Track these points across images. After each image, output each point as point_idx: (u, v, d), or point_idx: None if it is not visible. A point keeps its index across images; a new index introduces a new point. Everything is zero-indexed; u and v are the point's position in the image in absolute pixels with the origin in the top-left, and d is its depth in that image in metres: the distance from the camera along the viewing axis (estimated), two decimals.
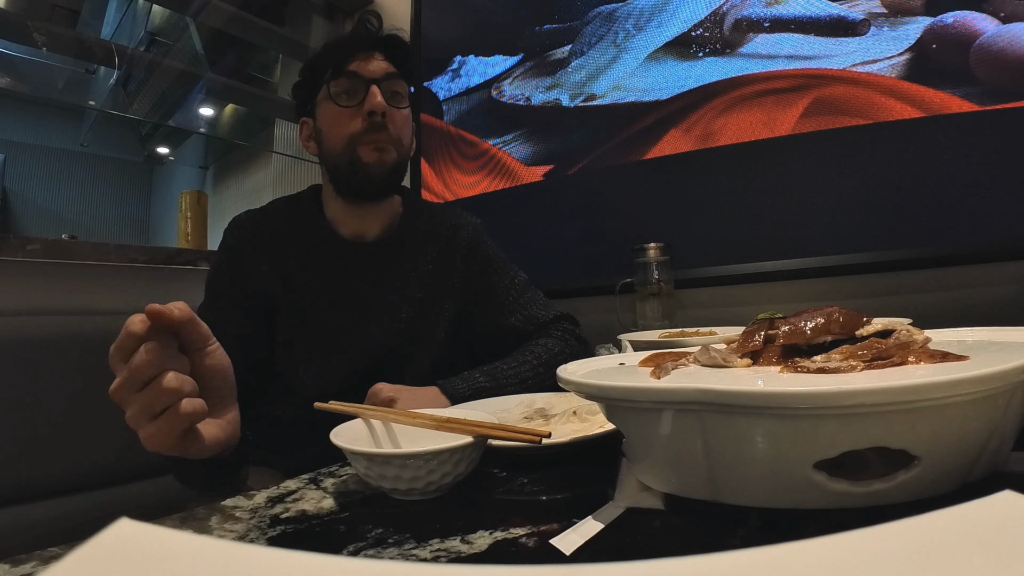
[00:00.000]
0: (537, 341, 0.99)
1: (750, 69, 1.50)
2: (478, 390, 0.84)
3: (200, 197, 2.06)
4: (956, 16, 1.25)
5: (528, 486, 0.48)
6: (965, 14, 1.24)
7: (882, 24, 1.34)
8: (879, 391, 0.29)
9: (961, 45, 1.24)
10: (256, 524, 0.43)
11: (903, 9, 1.31)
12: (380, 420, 0.56)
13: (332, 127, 0.94)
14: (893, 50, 1.32)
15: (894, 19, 1.32)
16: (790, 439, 0.32)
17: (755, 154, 1.46)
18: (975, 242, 1.20)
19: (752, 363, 0.43)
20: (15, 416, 0.92)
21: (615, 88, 1.70)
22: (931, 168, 1.26)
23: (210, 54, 2.38)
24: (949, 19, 1.26)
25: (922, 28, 1.29)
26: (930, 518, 0.16)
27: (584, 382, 0.40)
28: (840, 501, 0.33)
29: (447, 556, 0.35)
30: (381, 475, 0.45)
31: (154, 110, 2.64)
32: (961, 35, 1.24)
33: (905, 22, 1.31)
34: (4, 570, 0.34)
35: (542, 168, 1.82)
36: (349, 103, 0.93)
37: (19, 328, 0.95)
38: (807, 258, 1.36)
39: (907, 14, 1.31)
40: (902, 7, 1.31)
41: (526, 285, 1.08)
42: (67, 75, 2.69)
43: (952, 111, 1.25)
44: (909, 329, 0.40)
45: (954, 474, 0.33)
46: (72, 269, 1.10)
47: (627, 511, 0.39)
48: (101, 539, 0.16)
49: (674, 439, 0.37)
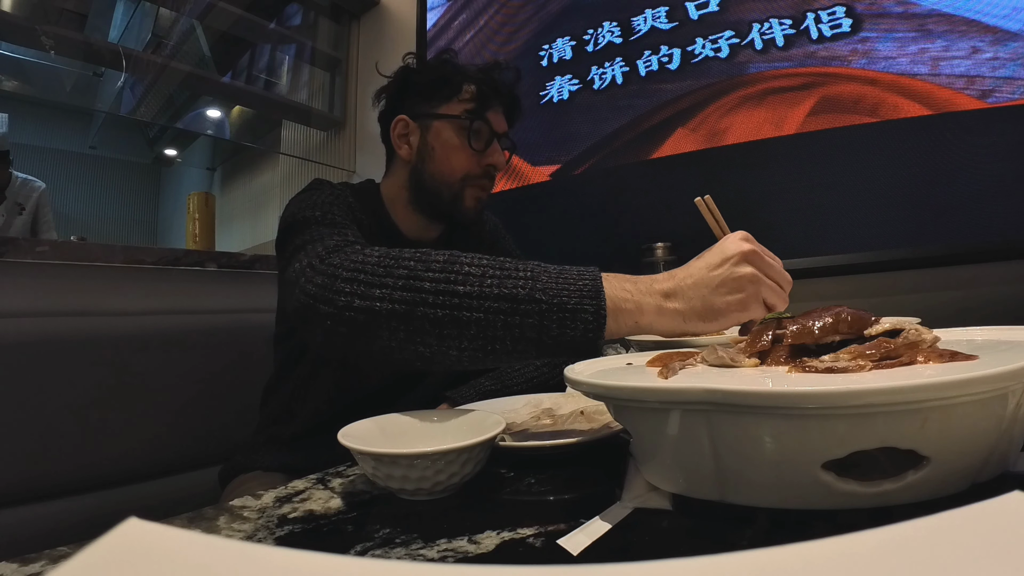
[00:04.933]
0: None
1: (756, 67, 1.49)
2: (484, 393, 0.84)
3: (208, 198, 2.07)
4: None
5: (535, 486, 0.48)
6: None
7: (890, 26, 1.33)
8: (888, 391, 0.29)
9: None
10: (264, 524, 0.43)
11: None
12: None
13: (450, 156, 0.96)
14: (899, 48, 1.31)
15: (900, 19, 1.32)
16: (798, 439, 0.32)
17: (762, 153, 1.46)
18: (985, 240, 1.19)
19: (760, 363, 0.43)
20: (24, 416, 0.92)
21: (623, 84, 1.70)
22: (939, 166, 1.26)
23: (217, 56, 2.40)
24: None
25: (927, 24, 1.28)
26: (939, 519, 0.16)
27: (591, 382, 0.40)
28: (849, 502, 0.33)
29: (454, 556, 0.35)
30: (388, 475, 0.45)
31: (162, 112, 2.66)
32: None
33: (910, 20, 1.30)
34: (13, 569, 0.34)
35: (549, 168, 1.82)
36: (477, 146, 0.95)
37: (29, 329, 0.95)
38: (815, 257, 1.36)
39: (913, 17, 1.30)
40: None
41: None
42: (75, 78, 2.71)
43: (960, 108, 1.24)
44: (918, 328, 0.39)
45: (963, 474, 0.33)
46: (81, 271, 1.10)
47: (634, 511, 0.39)
48: (109, 538, 0.16)
49: (682, 439, 0.37)
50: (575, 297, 0.54)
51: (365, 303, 0.58)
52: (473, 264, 0.58)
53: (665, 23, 1.66)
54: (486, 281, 0.56)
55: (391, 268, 0.59)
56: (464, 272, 0.57)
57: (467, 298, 0.56)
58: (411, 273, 0.58)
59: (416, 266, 0.59)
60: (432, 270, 0.58)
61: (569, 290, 0.55)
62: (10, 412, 0.91)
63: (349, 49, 2.43)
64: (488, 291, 0.56)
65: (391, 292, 0.57)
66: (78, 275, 1.10)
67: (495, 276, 0.57)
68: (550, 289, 0.55)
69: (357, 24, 2.45)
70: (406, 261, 0.59)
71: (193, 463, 1.10)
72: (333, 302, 0.60)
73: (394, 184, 1.01)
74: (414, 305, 0.56)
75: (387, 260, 0.60)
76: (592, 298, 0.54)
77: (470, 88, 0.96)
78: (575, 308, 0.54)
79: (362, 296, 0.58)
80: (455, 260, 0.59)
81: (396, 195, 1.00)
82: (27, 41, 1.88)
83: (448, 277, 0.57)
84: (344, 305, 0.59)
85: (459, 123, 0.95)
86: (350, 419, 0.54)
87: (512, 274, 0.57)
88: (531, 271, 0.57)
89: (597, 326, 0.54)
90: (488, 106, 0.96)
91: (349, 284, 0.59)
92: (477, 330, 0.55)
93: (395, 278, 0.58)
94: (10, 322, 0.94)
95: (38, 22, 1.78)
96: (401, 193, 0.99)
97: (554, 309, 0.54)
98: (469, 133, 0.95)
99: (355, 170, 2.34)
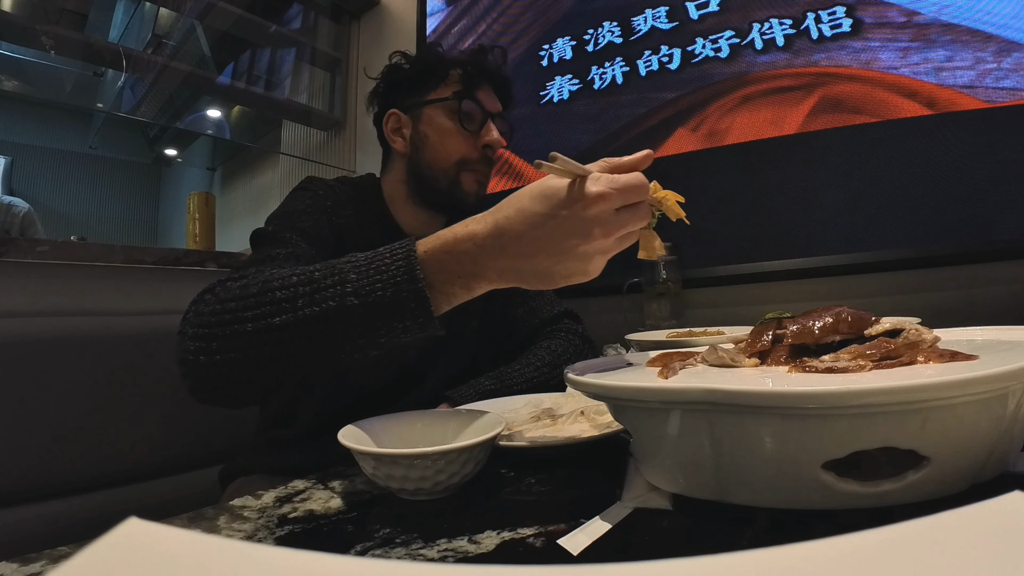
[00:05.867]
0: (541, 344, 0.99)
1: (757, 67, 1.49)
2: (484, 393, 0.83)
3: (208, 198, 2.07)
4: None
5: (535, 486, 0.48)
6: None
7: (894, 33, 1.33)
8: (888, 391, 0.29)
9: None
10: (264, 524, 0.43)
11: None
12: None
13: (443, 142, 0.95)
14: (901, 58, 1.31)
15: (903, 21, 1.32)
16: (799, 439, 0.32)
17: (762, 153, 1.46)
18: (985, 240, 1.19)
19: (760, 363, 0.43)
20: (24, 416, 0.92)
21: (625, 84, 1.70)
22: (940, 165, 1.26)
23: (217, 56, 2.40)
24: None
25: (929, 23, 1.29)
26: (939, 519, 0.16)
27: (592, 382, 0.40)
28: (849, 502, 0.33)
29: (454, 556, 0.35)
30: (389, 475, 0.45)
31: (162, 112, 2.66)
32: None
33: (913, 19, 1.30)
34: (13, 569, 0.34)
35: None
36: (470, 127, 0.94)
37: (29, 329, 0.95)
38: (815, 257, 1.36)
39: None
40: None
41: None
42: (75, 78, 2.70)
43: (961, 108, 1.24)
44: (918, 328, 0.39)
45: (963, 475, 0.33)
46: (81, 271, 1.10)
47: (635, 511, 0.39)
48: (110, 538, 0.16)
49: (682, 439, 0.37)
50: (390, 288, 0.52)
51: (209, 358, 0.57)
52: (284, 287, 0.56)
53: (665, 23, 1.66)
54: (298, 303, 0.54)
55: (221, 314, 0.58)
56: (276, 300, 0.55)
57: (285, 329, 0.54)
58: (235, 318, 0.56)
59: (238, 307, 0.57)
60: (250, 307, 0.56)
61: (384, 280, 0.52)
62: (10, 412, 0.91)
63: (349, 49, 2.43)
64: (302, 315, 0.54)
65: (225, 343, 0.56)
66: (78, 275, 1.10)
67: (305, 295, 0.54)
68: (362, 290, 0.53)
69: (357, 24, 2.44)
70: (230, 303, 0.58)
71: (193, 463, 1.09)
72: (183, 363, 0.59)
73: (392, 180, 1.00)
74: (247, 350, 0.56)
75: (226, 303, 0.58)
76: (409, 282, 0.52)
77: (456, 71, 0.96)
78: (393, 300, 0.52)
79: (206, 352, 0.57)
80: (267, 288, 0.56)
81: (395, 191, 1.00)
82: (27, 41, 1.88)
83: (265, 312, 0.55)
84: (192, 363, 0.58)
85: (449, 106, 0.95)
86: (351, 420, 0.54)
87: (321, 285, 0.54)
88: (338, 274, 0.54)
89: (422, 311, 0.52)
90: (476, 86, 0.96)
91: (194, 341, 0.58)
92: (312, 354, 0.55)
93: (224, 325, 0.57)
94: (10, 322, 0.94)
95: (38, 22, 1.77)
96: (400, 188, 0.99)
97: (372, 309, 0.52)
98: (460, 115, 0.94)
99: (355, 170, 2.33)
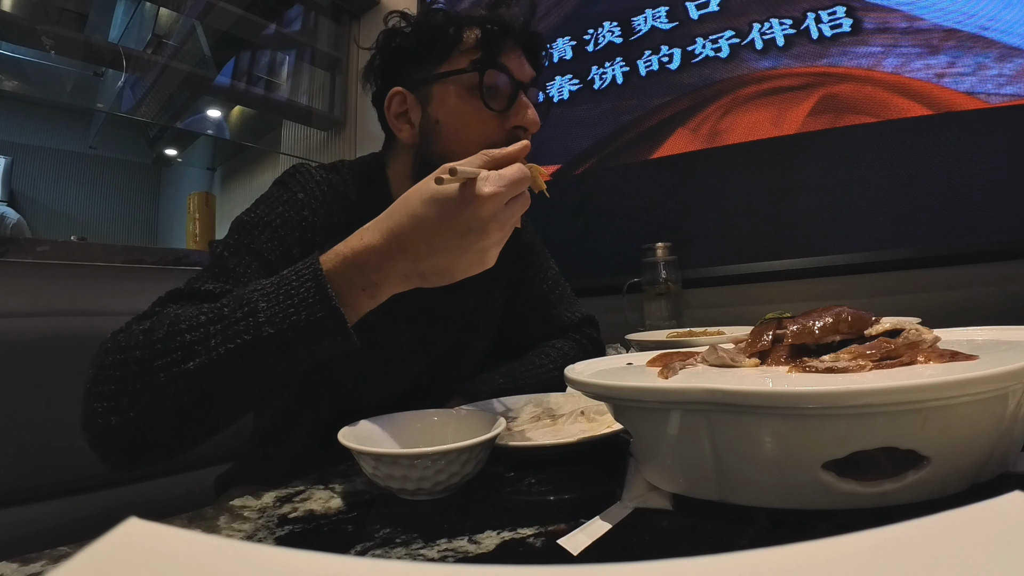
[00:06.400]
0: (554, 344, 0.97)
1: (757, 67, 1.49)
2: (496, 392, 0.81)
3: (208, 198, 2.07)
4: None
5: (536, 486, 0.48)
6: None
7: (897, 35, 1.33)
8: (888, 391, 0.29)
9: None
10: (264, 524, 0.43)
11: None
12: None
13: (461, 128, 0.76)
14: (903, 64, 1.31)
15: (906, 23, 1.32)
16: (799, 439, 0.32)
17: (763, 153, 1.46)
18: (985, 240, 1.19)
19: (760, 363, 0.43)
20: (24, 416, 0.92)
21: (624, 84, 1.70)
22: (940, 166, 1.26)
23: (217, 56, 2.39)
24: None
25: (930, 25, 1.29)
26: (939, 519, 0.16)
27: (591, 382, 0.40)
28: (849, 502, 0.33)
29: (455, 556, 0.35)
30: (389, 475, 0.45)
31: (162, 112, 2.65)
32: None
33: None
34: (13, 569, 0.34)
35: (549, 168, 1.82)
36: (496, 105, 0.75)
37: (29, 329, 0.95)
38: (815, 257, 1.36)
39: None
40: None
41: (557, 280, 1.06)
42: (75, 78, 2.70)
43: (961, 108, 1.24)
44: (918, 328, 0.39)
45: (964, 474, 0.33)
46: (81, 271, 1.11)
47: (635, 511, 0.39)
48: (110, 538, 0.16)
49: (682, 439, 0.36)
50: (303, 311, 0.51)
51: (121, 418, 0.53)
52: (192, 328, 0.52)
53: (665, 23, 1.66)
54: (211, 343, 0.51)
55: (125, 365, 0.53)
56: (187, 344, 0.52)
57: (201, 372, 0.51)
58: (143, 368, 0.52)
59: (143, 356, 0.52)
60: (158, 354, 0.52)
61: (295, 304, 0.51)
62: (10, 412, 0.91)
63: (349, 49, 2.43)
64: (216, 355, 0.51)
65: (136, 397, 0.52)
66: (78, 275, 1.10)
67: (218, 333, 0.52)
68: (275, 318, 0.51)
69: (357, 24, 2.44)
70: (134, 352, 0.53)
71: (193, 463, 1.09)
72: (90, 427, 0.55)
73: (396, 173, 0.84)
74: (162, 401, 0.52)
75: (129, 351, 0.54)
76: (321, 301, 0.51)
77: (473, 32, 0.76)
78: (307, 322, 0.51)
79: (116, 411, 0.53)
80: (175, 331, 0.53)
81: (400, 187, 0.78)
82: (27, 41, 1.87)
83: (176, 358, 0.51)
84: (102, 427, 0.54)
85: (467, 80, 0.75)
86: None
87: (232, 319, 0.52)
88: (247, 305, 0.52)
89: (339, 328, 0.52)
90: (500, 49, 0.75)
91: (100, 402, 0.54)
92: (231, 393, 0.53)
93: (131, 379, 0.53)
94: (10, 322, 0.94)
95: (38, 22, 1.77)
96: (405, 185, 0.75)
97: (289, 335, 0.51)
98: (482, 90, 0.74)
99: None
